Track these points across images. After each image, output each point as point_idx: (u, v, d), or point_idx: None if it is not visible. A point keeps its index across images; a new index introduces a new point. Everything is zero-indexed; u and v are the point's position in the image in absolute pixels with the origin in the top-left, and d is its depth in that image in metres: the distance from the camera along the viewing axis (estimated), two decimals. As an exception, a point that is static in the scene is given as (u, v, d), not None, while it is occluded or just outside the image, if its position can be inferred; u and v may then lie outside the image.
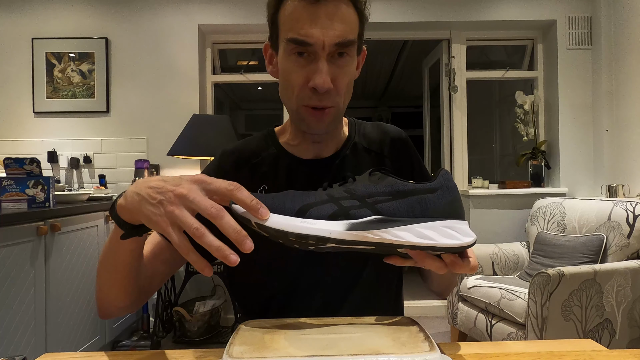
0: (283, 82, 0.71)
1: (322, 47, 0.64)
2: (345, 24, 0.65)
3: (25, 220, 1.73)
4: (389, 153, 0.82)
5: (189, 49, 2.88)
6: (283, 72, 0.70)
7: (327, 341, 0.52)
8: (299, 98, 0.69)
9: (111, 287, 0.64)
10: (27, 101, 2.83)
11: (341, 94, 0.69)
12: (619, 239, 2.13)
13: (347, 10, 0.66)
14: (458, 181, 3.09)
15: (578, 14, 2.91)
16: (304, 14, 0.64)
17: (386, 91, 6.41)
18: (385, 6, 2.89)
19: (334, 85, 0.67)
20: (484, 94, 4.29)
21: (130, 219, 0.54)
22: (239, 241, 0.47)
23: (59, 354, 0.60)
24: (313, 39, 0.64)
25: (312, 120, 0.70)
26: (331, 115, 0.70)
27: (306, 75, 0.66)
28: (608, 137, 2.80)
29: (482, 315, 2.16)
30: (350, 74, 0.70)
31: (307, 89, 0.67)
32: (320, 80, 0.65)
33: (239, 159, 0.79)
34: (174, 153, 2.42)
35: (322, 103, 0.68)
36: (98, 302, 0.68)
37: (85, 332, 2.17)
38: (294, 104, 0.70)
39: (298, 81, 0.67)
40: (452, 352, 0.58)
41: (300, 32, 0.64)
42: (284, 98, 0.73)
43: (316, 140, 0.77)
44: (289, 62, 0.67)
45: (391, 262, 0.56)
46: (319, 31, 0.63)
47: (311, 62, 0.66)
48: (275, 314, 0.75)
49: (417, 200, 0.53)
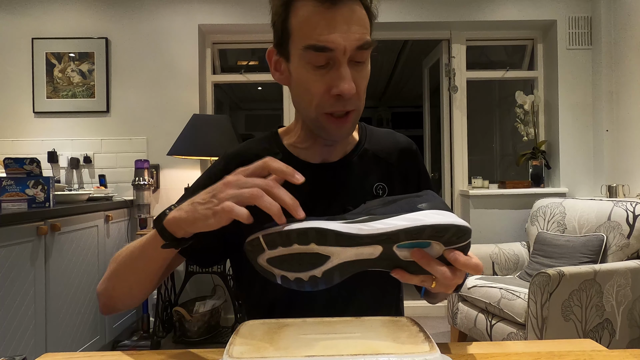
0: (300, 91, 0.69)
1: (344, 52, 0.63)
2: (362, 26, 0.64)
3: (25, 220, 1.73)
4: (397, 162, 0.81)
5: (189, 49, 2.88)
6: (300, 81, 0.68)
7: (327, 341, 0.52)
8: (320, 106, 0.67)
9: (132, 287, 0.67)
10: (27, 101, 2.83)
11: (362, 98, 0.69)
12: (619, 239, 2.13)
13: (360, 12, 0.65)
14: (458, 181, 3.09)
15: (578, 14, 2.91)
16: (321, 19, 0.62)
17: (386, 91, 6.41)
18: (385, 6, 2.89)
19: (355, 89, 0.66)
20: (484, 94, 4.29)
21: (180, 230, 0.57)
22: (294, 207, 0.53)
23: (59, 354, 0.60)
24: (334, 45, 0.62)
25: (333, 128, 0.69)
26: (352, 120, 0.69)
27: (328, 82, 0.65)
28: (608, 137, 2.80)
29: (482, 315, 2.16)
30: (367, 76, 0.69)
31: (330, 97, 0.66)
32: (346, 86, 0.63)
33: (242, 162, 0.78)
34: (174, 153, 2.42)
35: (346, 108, 0.67)
36: (106, 298, 0.69)
37: (85, 332, 2.17)
38: (313, 113, 0.68)
39: (319, 89, 0.66)
40: (452, 352, 0.58)
41: (319, 38, 0.62)
42: (300, 106, 0.72)
43: (328, 144, 0.75)
44: (306, 70, 0.66)
45: (397, 277, 0.56)
46: (339, 36, 0.62)
47: (330, 69, 0.65)
48: (280, 314, 0.76)
49: (405, 202, 0.56)
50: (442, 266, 0.53)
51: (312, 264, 0.52)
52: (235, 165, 0.77)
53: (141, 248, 0.63)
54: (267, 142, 0.80)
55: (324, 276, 0.54)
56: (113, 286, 0.68)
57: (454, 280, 0.54)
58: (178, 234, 0.58)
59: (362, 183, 0.77)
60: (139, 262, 0.64)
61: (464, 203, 3.01)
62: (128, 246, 0.68)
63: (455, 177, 3.10)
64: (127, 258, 0.66)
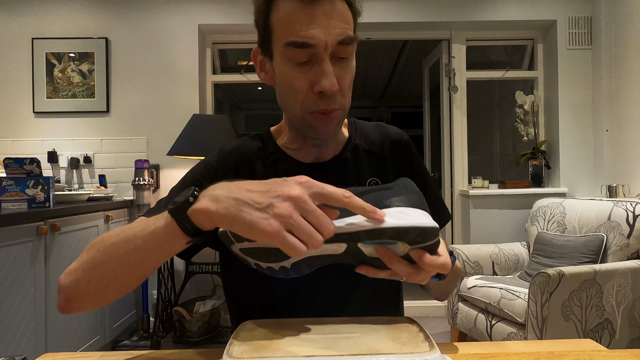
0: (283, 89, 0.68)
1: (325, 48, 0.62)
2: (343, 20, 0.63)
3: (25, 220, 1.73)
4: (389, 155, 0.80)
5: (189, 49, 2.88)
6: (283, 78, 0.67)
7: (327, 341, 0.52)
8: (305, 105, 0.66)
9: (118, 283, 0.56)
10: (27, 101, 2.83)
11: (346, 95, 0.67)
12: (619, 239, 2.13)
13: (342, 7, 0.63)
14: (458, 181, 3.09)
15: (578, 14, 2.91)
16: (301, 15, 0.61)
17: (386, 91, 6.41)
18: (385, 6, 2.89)
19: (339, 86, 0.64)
20: (484, 94, 4.29)
21: (209, 224, 0.48)
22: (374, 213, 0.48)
23: (59, 354, 0.60)
24: (315, 40, 0.61)
25: (320, 125, 0.67)
26: (338, 118, 0.68)
27: (310, 79, 0.64)
28: (608, 137, 2.80)
29: (482, 315, 2.16)
30: (352, 73, 0.67)
31: (313, 94, 0.64)
32: (328, 83, 0.62)
33: (238, 160, 0.76)
34: (174, 153, 2.42)
35: (331, 106, 0.65)
36: (72, 293, 0.56)
37: (85, 332, 2.17)
38: (299, 111, 0.67)
39: (302, 87, 0.65)
40: (452, 352, 0.58)
41: (299, 34, 0.61)
42: (285, 105, 0.70)
43: (317, 144, 0.75)
44: (289, 67, 0.64)
45: (363, 272, 0.54)
46: (320, 31, 0.61)
47: (313, 65, 0.63)
48: (277, 315, 0.75)
49: (372, 196, 0.53)
50: (406, 265, 0.52)
51: (279, 257, 0.51)
52: (230, 163, 0.75)
53: (145, 237, 0.52)
54: (261, 141, 0.79)
55: (292, 267, 0.53)
56: (88, 279, 0.55)
57: (420, 277, 0.53)
58: (205, 227, 0.49)
59: (357, 180, 0.77)
60: (137, 254, 0.53)
61: (464, 203, 3.01)
62: (115, 231, 0.56)
63: (455, 177, 3.10)
64: (117, 247, 0.54)
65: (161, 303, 2.53)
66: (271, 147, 0.78)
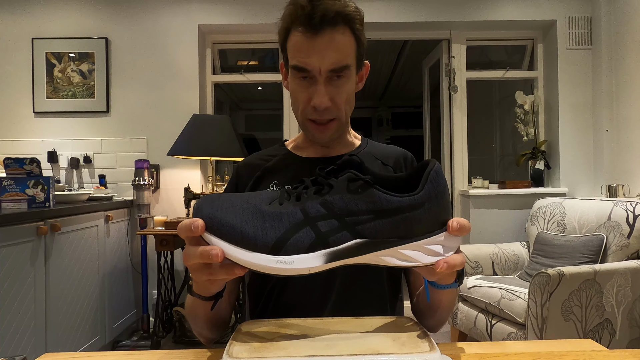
0: (292, 98, 0.84)
1: (319, 73, 0.75)
2: (339, 51, 0.75)
3: (25, 220, 1.73)
4: (394, 165, 0.90)
5: (189, 49, 2.88)
6: (292, 89, 0.82)
7: (327, 341, 0.52)
8: (304, 113, 0.81)
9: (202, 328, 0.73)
10: (27, 101, 2.83)
11: (341, 108, 0.80)
12: (619, 239, 2.13)
13: (342, 39, 0.75)
14: (458, 181, 3.09)
15: (578, 14, 2.91)
16: (304, 45, 0.75)
17: (386, 91, 6.40)
18: (385, 6, 2.89)
19: (333, 102, 0.78)
20: (484, 94, 4.29)
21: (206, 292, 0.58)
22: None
23: (59, 354, 0.60)
24: (310, 67, 0.75)
25: (316, 132, 0.82)
26: (333, 127, 0.81)
27: (308, 95, 0.78)
28: (608, 137, 2.80)
29: (482, 315, 2.16)
30: (347, 91, 0.80)
31: (310, 107, 0.79)
32: (318, 101, 0.77)
33: (254, 166, 0.89)
34: (174, 153, 2.42)
35: (322, 118, 0.79)
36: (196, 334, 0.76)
37: (85, 332, 2.17)
38: (300, 117, 0.83)
39: (303, 99, 0.79)
40: (452, 352, 0.58)
41: (300, 60, 0.76)
42: (294, 111, 0.85)
43: (324, 146, 0.87)
44: (295, 82, 0.80)
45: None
46: (316, 60, 0.74)
47: (312, 84, 0.77)
48: (272, 313, 0.77)
49: (401, 220, 0.49)
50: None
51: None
52: (246, 173, 0.89)
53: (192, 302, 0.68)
54: (272, 149, 0.93)
55: None
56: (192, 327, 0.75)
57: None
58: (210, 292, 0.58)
59: None
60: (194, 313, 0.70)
61: (464, 203, 3.01)
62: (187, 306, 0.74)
63: (455, 177, 3.10)
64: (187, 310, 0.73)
65: (161, 303, 2.53)
66: (279, 151, 0.92)
